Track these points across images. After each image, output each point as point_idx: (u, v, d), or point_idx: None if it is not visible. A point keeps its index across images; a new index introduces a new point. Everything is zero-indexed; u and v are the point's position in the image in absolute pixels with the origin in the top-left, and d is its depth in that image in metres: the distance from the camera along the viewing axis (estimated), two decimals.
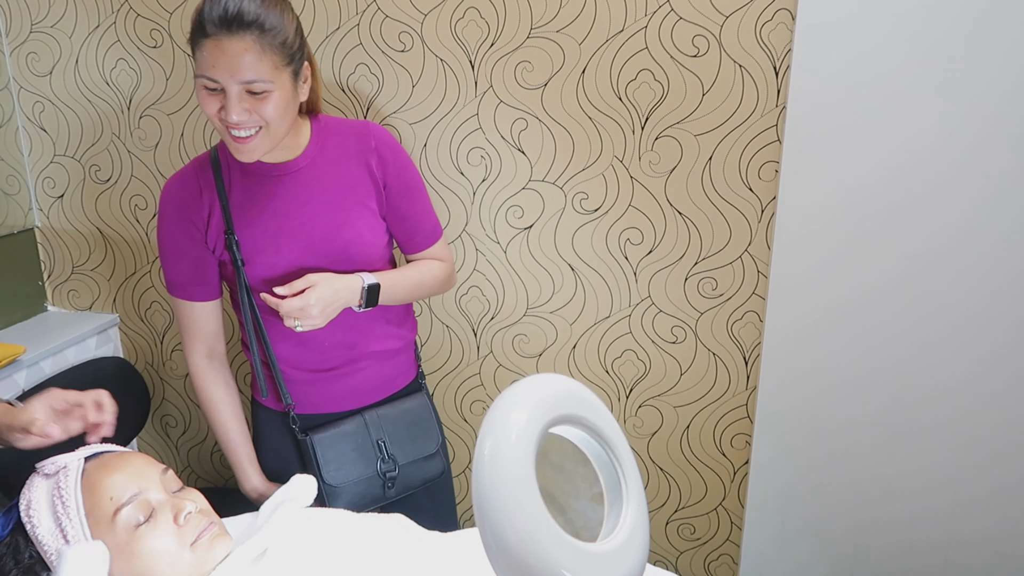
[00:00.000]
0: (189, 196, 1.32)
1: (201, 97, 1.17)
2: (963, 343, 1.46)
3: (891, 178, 1.42)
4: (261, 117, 1.17)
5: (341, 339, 1.39)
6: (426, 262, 1.45)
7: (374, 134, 1.36)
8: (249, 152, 1.21)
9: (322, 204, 1.32)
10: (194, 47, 1.16)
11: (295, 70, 1.20)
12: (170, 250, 1.34)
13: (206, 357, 1.41)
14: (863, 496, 1.59)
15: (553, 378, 0.78)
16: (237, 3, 1.11)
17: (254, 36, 1.12)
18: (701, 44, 1.47)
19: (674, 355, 1.67)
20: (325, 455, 1.38)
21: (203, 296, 1.37)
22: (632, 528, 0.72)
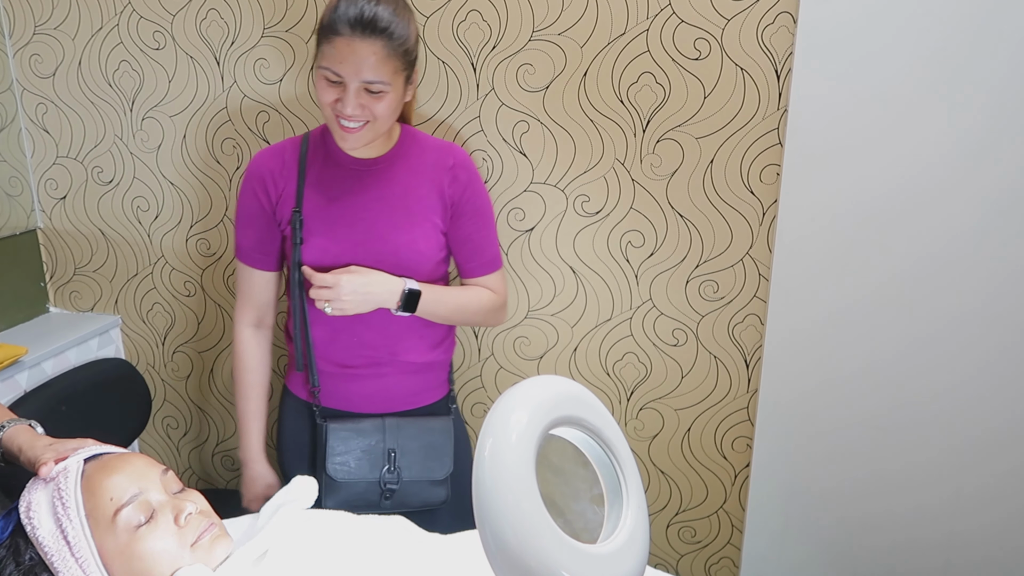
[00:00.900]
0: (271, 169, 1.40)
1: (320, 86, 1.26)
2: (963, 345, 1.46)
3: (892, 181, 1.42)
4: (372, 113, 1.25)
5: (371, 339, 1.42)
6: (476, 289, 1.46)
7: (454, 154, 1.41)
8: (354, 141, 1.29)
9: (387, 205, 1.37)
10: (322, 41, 1.24)
11: (408, 75, 1.29)
12: (242, 215, 1.44)
13: (252, 325, 1.49)
14: (864, 500, 1.59)
15: (554, 380, 0.78)
16: (373, 9, 1.19)
17: (383, 42, 1.20)
18: (703, 47, 1.47)
19: (675, 358, 1.66)
20: (334, 446, 1.41)
21: (262, 265, 1.45)
22: (632, 530, 0.72)
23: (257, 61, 1.71)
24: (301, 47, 1.67)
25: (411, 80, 1.30)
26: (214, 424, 2.03)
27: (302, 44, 1.67)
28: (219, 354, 1.96)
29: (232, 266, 1.87)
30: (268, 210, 1.41)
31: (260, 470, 1.51)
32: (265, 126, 1.75)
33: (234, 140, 1.78)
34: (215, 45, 1.73)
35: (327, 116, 1.29)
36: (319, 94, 1.27)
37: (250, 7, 1.68)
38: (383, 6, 1.21)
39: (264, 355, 1.51)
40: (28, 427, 1.12)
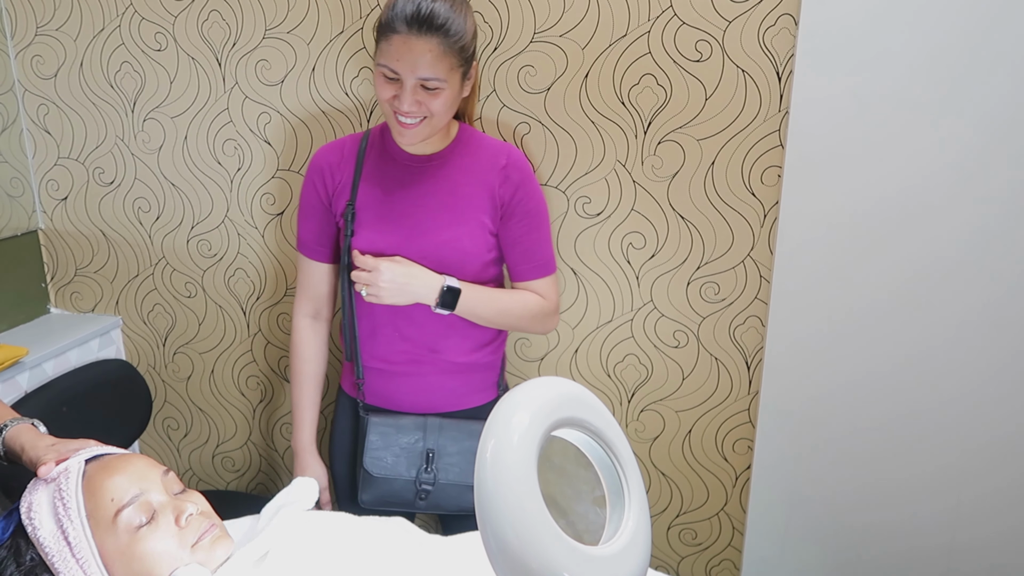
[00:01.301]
0: (330, 162, 1.44)
1: (378, 83, 1.28)
2: (966, 348, 1.46)
3: (893, 183, 1.42)
4: (429, 109, 1.26)
5: (412, 334, 1.42)
6: (523, 293, 1.45)
7: (508, 154, 1.41)
8: (411, 137, 1.30)
9: (437, 202, 1.38)
10: (379, 38, 1.25)
11: (465, 71, 1.29)
12: (303, 207, 1.47)
13: (310, 316, 1.52)
14: (866, 502, 1.59)
15: (555, 381, 0.77)
16: (429, 6, 1.20)
17: (439, 39, 1.21)
18: (704, 49, 1.47)
19: (676, 359, 1.66)
20: (373, 441, 1.42)
21: (320, 256, 1.48)
22: (634, 532, 0.72)
23: (259, 62, 1.71)
24: (303, 48, 1.67)
25: (468, 76, 1.31)
26: (214, 425, 2.03)
27: (304, 45, 1.67)
28: (219, 355, 1.96)
29: (233, 267, 1.87)
30: (325, 202, 1.44)
31: (310, 461, 1.53)
32: (266, 127, 1.75)
33: (235, 141, 1.78)
34: (216, 46, 1.73)
35: (385, 112, 1.30)
36: (377, 90, 1.28)
37: (251, 8, 1.68)
38: (440, 3, 1.21)
39: (320, 346, 1.53)
40: (31, 426, 1.12)
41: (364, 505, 1.45)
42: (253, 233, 1.83)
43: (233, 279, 1.89)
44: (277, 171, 1.78)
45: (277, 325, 1.89)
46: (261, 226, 1.82)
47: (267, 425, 1.98)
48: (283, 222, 1.81)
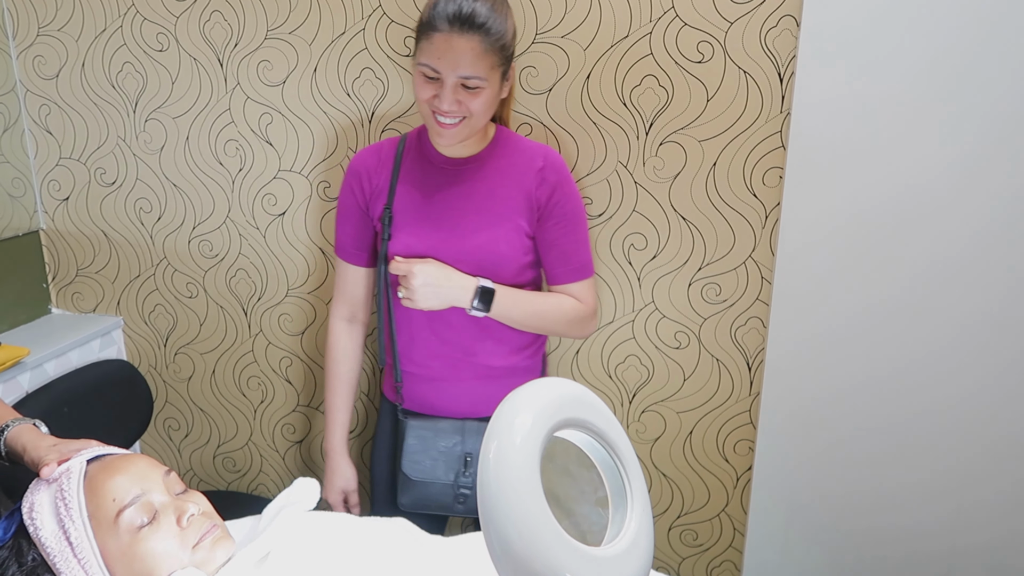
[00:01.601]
0: (367, 166, 1.44)
1: (418, 83, 1.28)
2: (968, 350, 1.46)
3: (895, 184, 1.42)
4: (468, 109, 1.26)
5: (451, 338, 1.42)
6: (560, 296, 1.43)
7: (545, 156, 1.39)
8: (449, 138, 1.30)
9: (473, 205, 1.38)
10: (420, 37, 1.26)
11: (504, 71, 1.29)
12: (340, 211, 1.48)
13: (346, 320, 1.53)
14: (866, 504, 1.58)
15: (558, 382, 0.77)
16: (471, 5, 1.21)
17: (480, 37, 1.21)
18: (706, 50, 1.47)
19: (677, 360, 1.66)
20: (411, 444, 1.43)
21: (357, 260, 1.49)
22: (636, 532, 0.72)
23: (260, 63, 1.71)
24: (304, 49, 1.67)
25: (507, 77, 1.31)
26: (215, 426, 2.03)
27: (305, 46, 1.67)
28: (220, 355, 1.96)
29: (234, 268, 1.87)
30: (363, 206, 1.45)
31: (340, 463, 1.54)
32: (268, 128, 1.75)
33: (237, 142, 1.78)
34: (218, 47, 1.73)
35: (424, 113, 1.30)
36: (417, 90, 1.28)
37: (253, 9, 1.68)
38: (481, 2, 1.22)
39: (355, 350, 1.54)
40: (32, 426, 1.12)
41: (403, 508, 1.45)
42: (254, 234, 1.83)
43: (234, 279, 1.89)
44: (279, 172, 1.78)
45: (278, 326, 1.89)
46: (262, 226, 1.82)
47: (268, 425, 1.98)
48: (284, 223, 1.81)
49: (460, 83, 1.24)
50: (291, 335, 1.89)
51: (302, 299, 1.85)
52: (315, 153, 1.74)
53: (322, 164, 1.74)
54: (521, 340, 1.46)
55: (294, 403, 1.95)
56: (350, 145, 1.71)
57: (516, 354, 1.46)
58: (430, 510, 1.46)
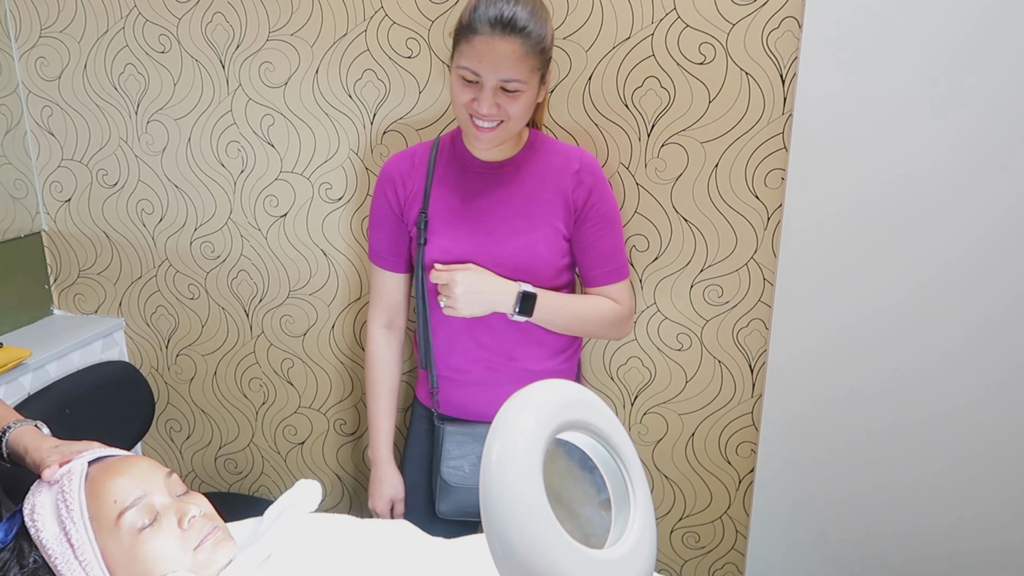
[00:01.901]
0: (401, 171, 1.43)
1: (456, 87, 1.27)
2: (971, 352, 1.46)
3: (898, 186, 1.42)
4: (506, 113, 1.26)
5: (490, 343, 1.41)
6: (598, 298, 1.42)
7: (581, 158, 1.39)
8: (486, 142, 1.30)
9: (510, 208, 1.37)
10: (460, 41, 1.25)
11: (543, 75, 1.29)
12: (374, 217, 1.47)
13: (384, 326, 1.52)
14: (869, 506, 1.58)
15: (560, 384, 0.77)
16: (512, 9, 1.20)
17: (521, 40, 1.21)
18: (708, 51, 1.47)
19: (679, 362, 1.66)
20: (450, 450, 1.43)
21: (393, 267, 1.47)
22: (639, 535, 0.72)
23: (262, 64, 1.71)
24: (306, 50, 1.68)
25: (545, 81, 1.31)
26: (217, 427, 2.03)
27: (307, 48, 1.67)
28: (222, 357, 1.96)
29: (236, 269, 1.87)
30: (397, 211, 1.43)
31: (387, 471, 1.52)
32: (270, 129, 1.75)
33: (238, 143, 1.78)
34: (220, 48, 1.73)
35: (461, 117, 1.29)
36: (455, 95, 1.27)
37: (255, 10, 1.68)
38: (521, 6, 1.21)
39: (395, 356, 1.53)
40: (34, 428, 1.12)
41: (442, 516, 1.45)
42: (256, 235, 1.83)
43: (236, 281, 1.89)
44: (280, 173, 1.78)
45: (280, 327, 1.89)
46: (264, 228, 1.82)
47: (270, 427, 1.98)
48: (286, 224, 1.81)
49: (500, 86, 1.23)
50: (293, 337, 1.89)
51: (304, 300, 1.85)
52: (316, 154, 1.74)
53: (324, 165, 1.74)
54: (559, 344, 1.45)
55: (296, 405, 1.95)
56: (351, 147, 1.71)
57: (554, 358, 1.45)
58: (470, 516, 1.45)
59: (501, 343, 1.41)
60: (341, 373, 1.89)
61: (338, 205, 1.76)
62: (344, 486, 1.98)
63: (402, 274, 1.48)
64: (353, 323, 1.84)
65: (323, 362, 1.89)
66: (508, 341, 1.41)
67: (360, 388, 1.89)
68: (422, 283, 1.41)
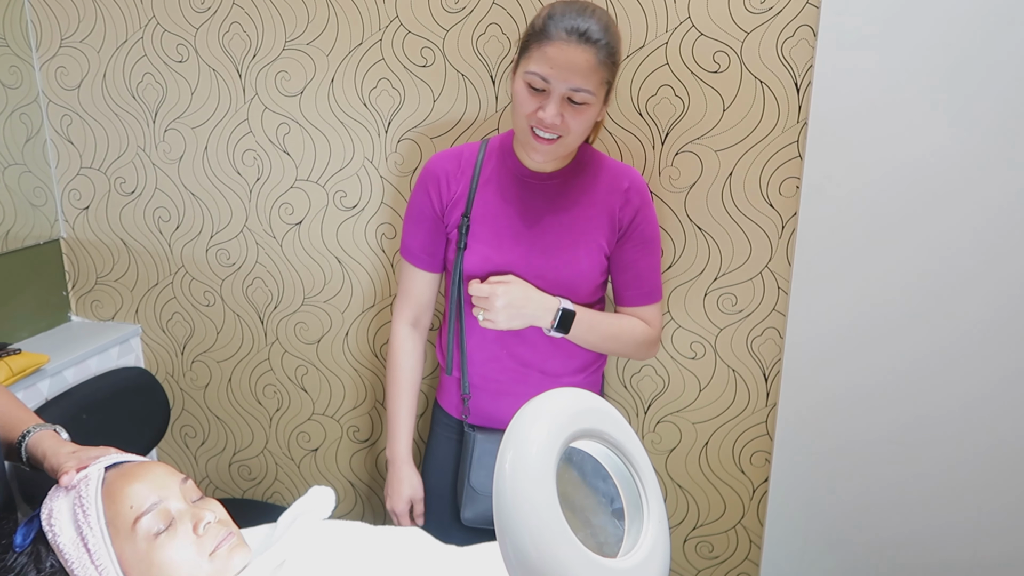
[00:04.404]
0: (446, 171, 1.40)
1: (521, 94, 1.23)
2: (987, 361, 1.44)
3: (912, 194, 1.41)
4: (567, 127, 1.23)
5: (523, 354, 1.41)
6: (631, 319, 1.41)
7: (629, 177, 1.38)
8: (543, 155, 1.27)
9: (556, 221, 1.36)
10: (531, 46, 1.22)
11: (607, 91, 1.26)
12: (412, 214, 1.44)
13: (410, 324, 1.50)
14: (884, 515, 1.57)
15: (574, 392, 0.77)
16: (588, 21, 1.19)
17: (595, 51, 1.19)
18: (722, 60, 1.47)
19: (693, 371, 1.66)
20: (480, 458, 1.42)
21: (425, 265, 1.45)
22: (653, 544, 0.72)
23: (279, 74, 1.73)
24: (322, 60, 1.69)
25: (608, 99, 1.28)
26: (231, 434, 2.04)
27: (323, 57, 1.69)
28: (237, 364, 1.97)
29: (251, 276, 1.89)
30: (438, 211, 1.41)
31: (406, 471, 1.50)
32: (285, 137, 1.76)
33: (254, 152, 1.80)
34: (237, 58, 1.75)
35: (520, 127, 1.27)
36: (519, 102, 1.24)
37: (272, 20, 1.70)
38: (597, 19, 1.20)
39: (418, 355, 1.51)
40: (53, 432, 1.13)
41: (467, 523, 1.44)
42: (271, 242, 1.85)
43: (251, 288, 1.90)
44: (296, 181, 1.79)
45: (294, 334, 1.90)
46: (279, 235, 1.84)
47: (284, 434, 1.99)
48: (301, 232, 1.82)
49: (567, 96, 1.21)
50: (307, 344, 1.90)
51: (318, 308, 1.86)
52: (332, 163, 1.75)
53: (339, 173, 1.75)
54: (588, 357, 1.45)
55: (309, 411, 1.95)
56: (366, 155, 1.72)
57: (583, 371, 1.45)
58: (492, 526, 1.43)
59: (533, 355, 1.41)
60: (355, 380, 1.89)
61: (352, 213, 1.77)
62: (357, 493, 1.98)
63: (435, 274, 1.47)
64: (367, 330, 1.85)
65: (337, 369, 1.90)
66: (541, 353, 1.41)
67: (373, 395, 1.89)
68: (458, 289, 1.39)
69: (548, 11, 1.23)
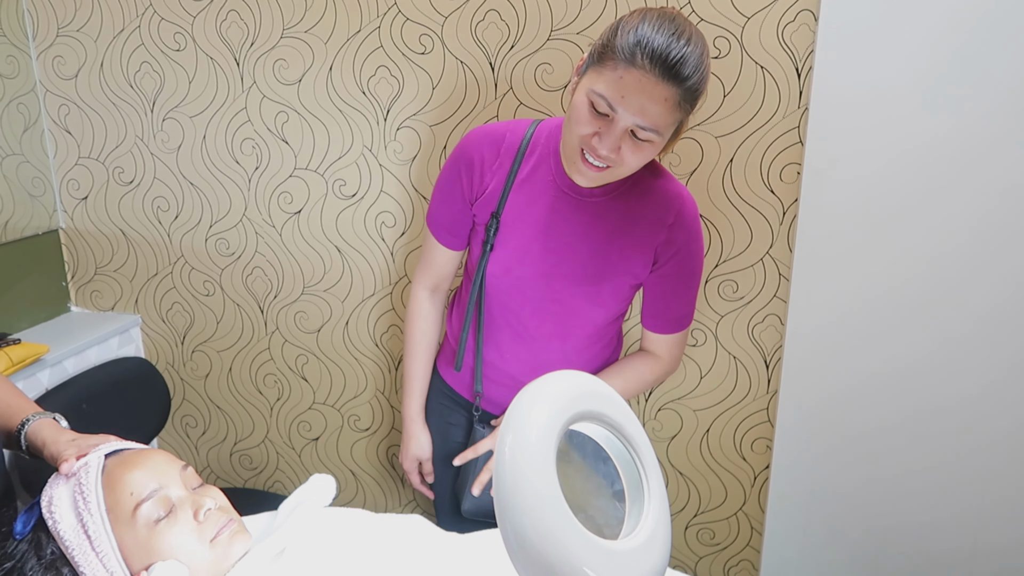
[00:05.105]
0: (484, 158, 1.29)
1: (579, 112, 1.09)
2: (989, 345, 1.44)
3: (914, 181, 1.41)
4: (622, 159, 1.11)
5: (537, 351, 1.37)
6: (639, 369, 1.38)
7: (679, 212, 1.26)
8: (589, 180, 1.16)
9: (589, 246, 1.27)
10: (605, 61, 1.07)
11: (679, 128, 1.13)
12: (443, 190, 1.35)
13: (429, 289, 1.46)
14: (885, 502, 1.57)
15: (573, 375, 0.77)
16: (682, 50, 1.03)
17: (680, 89, 1.05)
18: (723, 45, 1.47)
19: (694, 358, 1.65)
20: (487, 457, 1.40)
21: (449, 244, 1.39)
22: (654, 526, 0.72)
23: (276, 62, 1.72)
24: (320, 48, 1.68)
25: (678, 134, 1.14)
26: (232, 423, 2.04)
27: (321, 45, 1.68)
28: (237, 353, 1.97)
29: (251, 266, 1.88)
30: (468, 198, 1.32)
31: (416, 431, 1.49)
32: (284, 126, 1.76)
33: (253, 140, 1.79)
34: (235, 46, 1.74)
35: (570, 144, 1.14)
36: (576, 120, 1.10)
37: (269, 8, 1.69)
38: (692, 48, 1.04)
39: (437, 318, 1.48)
40: (52, 420, 1.13)
41: (467, 515, 1.43)
42: (271, 232, 1.84)
43: (251, 278, 1.89)
44: (295, 170, 1.78)
45: (294, 324, 1.90)
46: (279, 225, 1.83)
47: (284, 423, 1.99)
48: (300, 221, 1.81)
49: (631, 130, 1.08)
50: (307, 333, 1.90)
51: (318, 297, 1.86)
52: (331, 151, 1.75)
53: (338, 162, 1.75)
54: (603, 357, 1.43)
55: (310, 401, 1.95)
56: (365, 143, 1.72)
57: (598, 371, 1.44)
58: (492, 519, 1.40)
59: (548, 356, 1.38)
60: (355, 369, 1.89)
61: (352, 202, 1.77)
62: (359, 482, 1.98)
63: (459, 251, 1.41)
64: (368, 319, 1.84)
65: (337, 358, 1.89)
66: (556, 355, 1.37)
67: (374, 384, 1.89)
68: (480, 287, 1.33)
69: (637, 24, 1.05)
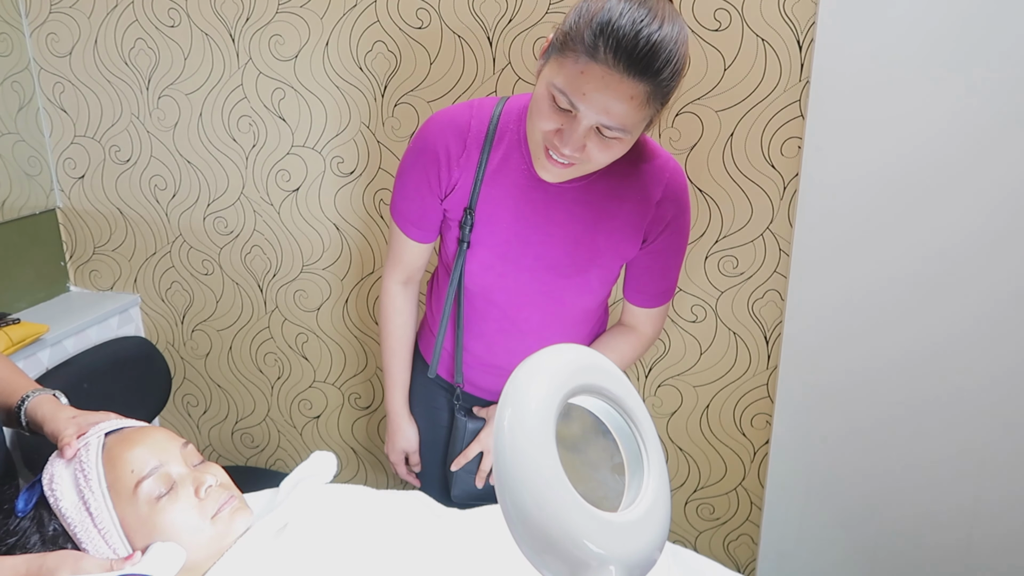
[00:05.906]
0: (450, 152, 1.19)
1: (541, 106, 1.02)
2: (992, 324, 1.44)
3: (917, 154, 1.40)
4: (588, 156, 1.03)
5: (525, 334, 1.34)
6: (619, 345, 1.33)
7: (665, 185, 1.18)
8: (554, 176, 1.10)
9: (573, 233, 1.20)
10: (566, 52, 0.97)
11: (650, 122, 1.05)
12: (406, 184, 1.25)
13: (401, 283, 1.39)
14: (884, 477, 1.57)
15: (572, 348, 0.77)
16: (653, 36, 0.92)
17: (649, 85, 0.95)
18: (723, 18, 1.45)
19: (694, 334, 1.65)
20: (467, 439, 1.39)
21: (418, 238, 1.31)
22: (654, 498, 0.72)
23: (272, 38, 1.70)
24: (316, 23, 1.66)
25: (650, 126, 1.06)
26: (233, 402, 2.04)
27: (317, 20, 1.66)
28: (237, 332, 1.97)
29: (249, 244, 1.88)
30: (437, 193, 1.23)
31: (401, 424, 1.47)
32: (281, 103, 1.74)
33: (250, 118, 1.78)
34: (230, 22, 1.72)
35: (533, 139, 1.08)
36: (536, 115, 1.03)
37: None
38: (665, 33, 0.93)
39: (411, 311, 1.42)
40: (52, 397, 1.13)
41: (456, 500, 1.43)
42: (269, 210, 1.83)
43: (249, 256, 1.89)
44: (292, 147, 1.77)
45: (294, 302, 1.89)
46: (277, 203, 1.82)
47: (285, 401, 2.00)
48: (298, 198, 1.80)
49: (596, 128, 0.99)
50: (307, 311, 1.89)
51: (317, 275, 1.86)
52: (328, 128, 1.73)
53: (336, 139, 1.74)
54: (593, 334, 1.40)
55: (310, 379, 1.96)
56: (363, 120, 1.70)
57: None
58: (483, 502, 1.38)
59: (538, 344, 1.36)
60: (355, 347, 1.89)
61: (350, 179, 1.76)
62: (360, 459, 1.99)
63: (429, 244, 1.34)
64: (367, 297, 1.84)
65: (337, 336, 1.89)
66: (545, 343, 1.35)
67: (374, 362, 1.89)
68: (458, 284, 1.28)
69: (602, 10, 0.94)
